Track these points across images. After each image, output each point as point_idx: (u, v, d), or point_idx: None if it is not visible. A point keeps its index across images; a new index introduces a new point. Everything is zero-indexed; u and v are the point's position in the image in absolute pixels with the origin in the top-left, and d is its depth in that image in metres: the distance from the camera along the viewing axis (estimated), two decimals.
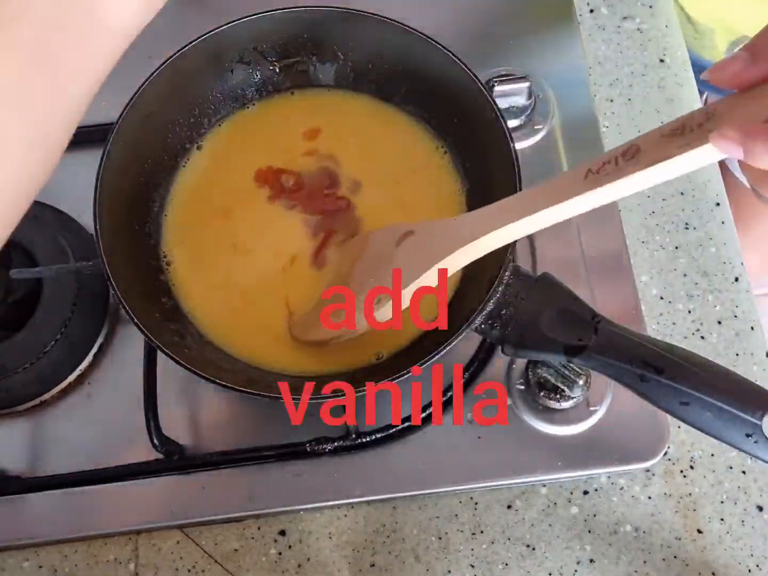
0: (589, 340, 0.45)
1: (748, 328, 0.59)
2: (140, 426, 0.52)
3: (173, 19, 0.69)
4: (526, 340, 0.47)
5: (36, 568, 0.54)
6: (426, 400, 0.55)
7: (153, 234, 0.55)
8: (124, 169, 0.52)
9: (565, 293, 0.47)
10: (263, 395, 0.46)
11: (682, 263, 0.61)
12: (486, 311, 0.47)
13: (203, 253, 0.55)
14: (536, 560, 0.54)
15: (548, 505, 0.55)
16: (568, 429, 0.55)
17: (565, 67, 0.65)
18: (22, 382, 0.56)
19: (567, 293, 0.47)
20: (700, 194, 0.63)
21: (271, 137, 0.58)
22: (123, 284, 0.48)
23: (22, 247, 0.59)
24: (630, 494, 0.55)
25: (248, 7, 0.54)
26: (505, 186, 0.49)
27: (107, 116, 0.52)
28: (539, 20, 0.67)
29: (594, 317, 0.46)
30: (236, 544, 0.54)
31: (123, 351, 0.58)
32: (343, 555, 0.54)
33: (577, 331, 0.45)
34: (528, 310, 0.47)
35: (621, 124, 0.65)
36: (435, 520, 0.55)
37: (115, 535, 0.55)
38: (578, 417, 0.55)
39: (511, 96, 0.62)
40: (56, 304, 0.57)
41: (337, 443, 0.54)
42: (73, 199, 0.61)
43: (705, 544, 0.54)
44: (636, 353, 0.44)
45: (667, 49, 0.68)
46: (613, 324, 0.45)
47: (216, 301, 0.54)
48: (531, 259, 0.59)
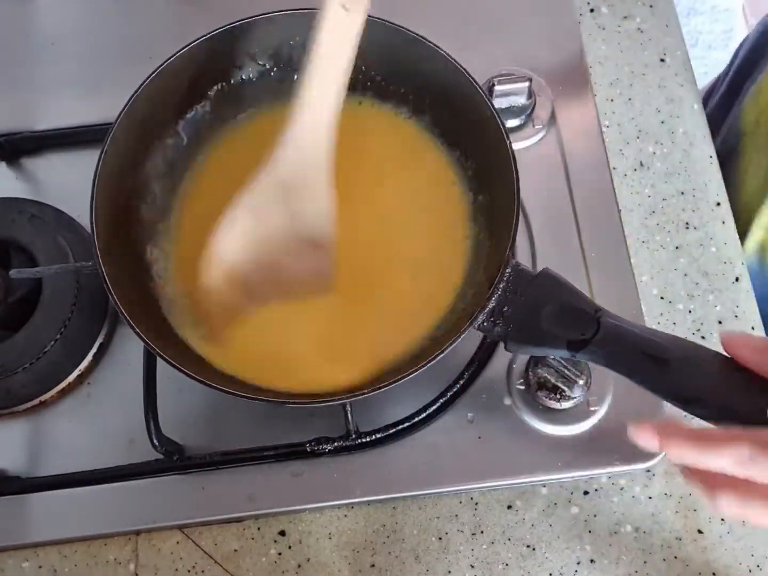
0: (592, 334, 0.44)
1: (749, 328, 0.58)
2: (140, 426, 0.52)
3: (173, 20, 0.70)
4: (529, 337, 0.46)
5: (36, 568, 0.54)
6: (426, 400, 0.55)
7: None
8: (122, 168, 0.52)
9: (565, 288, 0.47)
10: (262, 400, 0.46)
11: (683, 263, 0.61)
12: (487, 309, 0.47)
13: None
14: (536, 560, 0.54)
15: (548, 505, 0.55)
16: (569, 429, 0.55)
17: (565, 67, 0.65)
18: (22, 382, 0.56)
19: (568, 288, 0.47)
20: (701, 194, 0.63)
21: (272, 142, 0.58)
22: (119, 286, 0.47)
23: (22, 247, 0.59)
24: (630, 494, 0.55)
25: (249, 8, 0.54)
26: (505, 186, 0.49)
27: (107, 116, 0.52)
28: (539, 20, 0.67)
29: (596, 311, 0.45)
30: (236, 544, 0.54)
31: (123, 351, 0.58)
32: (343, 555, 0.54)
33: (579, 325, 0.45)
34: (529, 306, 0.46)
35: (621, 123, 0.65)
36: (435, 521, 0.55)
37: (115, 535, 0.55)
38: (578, 417, 0.55)
39: (511, 96, 0.62)
40: (56, 304, 0.57)
41: (337, 443, 0.54)
42: (73, 199, 0.61)
43: (705, 544, 0.54)
44: (640, 345, 0.43)
45: (667, 48, 0.68)
46: (616, 317, 0.45)
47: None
48: (531, 260, 0.59)
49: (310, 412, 0.56)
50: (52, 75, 0.68)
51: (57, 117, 0.65)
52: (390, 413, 0.55)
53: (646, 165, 0.64)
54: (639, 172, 0.64)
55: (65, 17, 0.70)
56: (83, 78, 0.67)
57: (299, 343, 0.52)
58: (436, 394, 0.56)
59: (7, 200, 0.62)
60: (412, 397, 0.56)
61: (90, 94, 0.66)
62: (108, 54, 0.68)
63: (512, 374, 0.56)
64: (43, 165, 0.65)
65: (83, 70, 0.68)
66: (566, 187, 0.61)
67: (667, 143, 0.64)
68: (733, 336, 0.41)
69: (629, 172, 0.64)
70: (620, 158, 0.64)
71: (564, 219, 0.60)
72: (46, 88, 0.67)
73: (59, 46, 0.69)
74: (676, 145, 0.64)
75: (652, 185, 0.63)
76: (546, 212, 0.61)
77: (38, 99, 0.67)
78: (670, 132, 0.65)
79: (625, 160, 0.64)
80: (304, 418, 0.56)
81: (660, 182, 0.63)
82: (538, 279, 0.47)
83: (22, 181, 0.64)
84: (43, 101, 0.67)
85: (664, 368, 0.42)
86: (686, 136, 0.65)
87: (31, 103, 0.67)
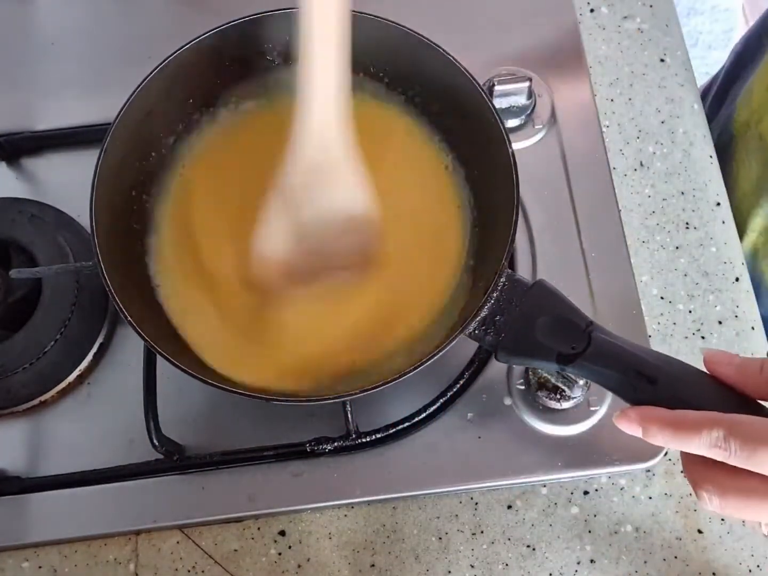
0: (582, 348, 0.44)
1: (749, 328, 0.58)
2: (140, 426, 0.52)
3: (173, 19, 0.69)
4: (520, 347, 0.46)
5: (36, 568, 0.54)
6: (426, 400, 0.55)
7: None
8: (122, 168, 0.52)
9: (559, 300, 0.47)
10: (262, 398, 0.46)
11: (683, 263, 0.61)
12: (480, 317, 0.47)
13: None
14: (536, 560, 0.54)
15: (548, 505, 0.55)
16: (569, 429, 0.55)
17: (565, 67, 0.65)
18: (22, 382, 0.56)
19: (561, 300, 0.47)
20: (701, 194, 0.63)
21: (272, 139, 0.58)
22: (119, 286, 0.47)
23: (22, 247, 0.59)
24: (630, 494, 0.55)
25: (248, 7, 0.54)
26: (504, 186, 0.49)
27: (107, 116, 0.52)
28: (539, 20, 0.67)
29: (588, 325, 0.45)
30: (236, 544, 0.54)
31: (123, 351, 0.58)
32: (343, 555, 0.54)
33: (570, 338, 0.45)
34: (522, 316, 0.46)
35: (621, 123, 0.65)
36: (435, 521, 0.55)
37: (115, 535, 0.55)
38: (578, 417, 0.55)
39: (511, 96, 0.62)
40: (56, 304, 0.57)
41: (337, 443, 0.54)
42: (73, 199, 0.61)
43: (705, 544, 0.54)
44: (629, 363, 0.43)
45: (667, 48, 0.68)
46: (607, 332, 0.45)
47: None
48: (531, 260, 0.59)
49: (310, 412, 0.56)
50: (52, 75, 0.68)
51: (57, 117, 0.65)
52: (390, 413, 0.55)
53: (646, 165, 0.64)
54: (639, 172, 0.64)
55: (65, 17, 0.70)
56: (83, 78, 0.67)
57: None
58: (436, 394, 0.56)
59: (7, 200, 0.62)
60: (412, 397, 0.56)
61: (90, 94, 0.66)
62: (108, 54, 0.68)
63: (512, 374, 0.56)
64: (43, 165, 0.65)
65: (83, 70, 0.68)
66: (566, 187, 0.61)
67: (667, 143, 0.64)
68: (715, 354, 0.41)
69: (629, 172, 0.64)
70: (620, 158, 0.64)
71: (564, 219, 0.60)
72: (46, 88, 0.67)
73: (59, 46, 0.69)
74: (676, 145, 0.64)
75: (652, 185, 0.63)
76: (546, 212, 0.61)
77: (38, 99, 0.67)
78: (670, 132, 0.65)
79: (625, 160, 0.64)
80: (304, 418, 0.56)
81: (660, 182, 0.63)
82: (533, 290, 0.47)
83: (22, 181, 0.64)
84: (43, 101, 0.67)
85: (652, 386, 0.42)
86: (686, 136, 0.65)
87: (31, 103, 0.67)
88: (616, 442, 0.54)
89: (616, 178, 0.63)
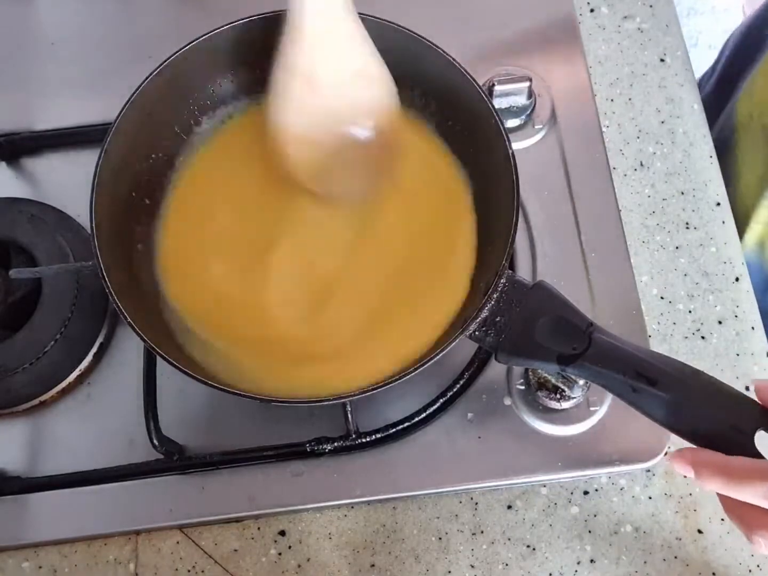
0: (582, 350, 0.44)
1: (749, 328, 0.58)
2: (140, 426, 0.52)
3: (173, 19, 0.69)
4: (520, 348, 0.46)
5: (36, 568, 0.54)
6: (426, 400, 0.55)
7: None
8: (122, 168, 0.52)
9: (559, 301, 0.47)
10: (263, 399, 0.46)
11: (683, 263, 0.61)
12: (480, 318, 0.47)
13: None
14: (536, 560, 0.54)
15: (548, 505, 0.55)
16: (569, 429, 0.55)
17: (565, 67, 0.65)
18: (22, 382, 0.56)
19: (562, 301, 0.47)
20: (701, 194, 0.63)
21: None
22: (119, 286, 0.47)
23: (22, 247, 0.59)
24: (630, 494, 0.55)
25: (248, 7, 0.54)
26: (504, 186, 0.49)
27: (107, 116, 0.52)
28: (539, 20, 0.67)
29: (588, 326, 0.45)
30: (236, 544, 0.54)
31: (123, 351, 0.58)
32: (343, 555, 0.54)
33: (570, 339, 0.45)
34: (522, 318, 0.46)
35: (621, 123, 0.65)
36: (435, 521, 0.55)
37: (115, 535, 0.55)
38: (578, 417, 0.55)
39: (511, 96, 0.62)
40: (56, 304, 0.57)
41: (337, 443, 0.54)
42: (73, 199, 0.61)
43: (705, 544, 0.54)
44: (629, 363, 0.43)
45: (667, 48, 0.68)
46: (608, 333, 0.45)
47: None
48: (531, 260, 0.59)
49: (310, 412, 0.56)
50: (52, 75, 0.68)
51: (57, 117, 0.65)
52: (390, 413, 0.55)
53: (646, 165, 0.64)
54: (639, 172, 0.64)
55: (65, 17, 0.70)
56: (83, 78, 0.67)
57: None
58: (436, 394, 0.56)
59: (7, 200, 0.62)
60: (412, 397, 0.56)
61: (90, 94, 0.66)
62: (108, 54, 0.68)
63: (512, 374, 0.56)
64: (43, 165, 0.65)
65: (83, 70, 0.68)
66: (566, 187, 0.61)
67: (667, 143, 0.64)
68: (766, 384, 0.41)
69: (629, 172, 0.64)
70: (620, 158, 0.64)
71: (564, 219, 0.60)
72: (46, 88, 0.67)
73: (59, 46, 0.69)
74: (676, 145, 0.64)
75: (652, 185, 0.63)
76: (546, 212, 0.61)
77: (38, 99, 0.67)
78: (670, 132, 0.65)
79: (625, 160, 0.64)
80: (304, 418, 0.56)
81: (660, 182, 0.63)
82: (533, 291, 0.47)
83: (22, 181, 0.64)
84: (43, 101, 0.67)
85: (652, 387, 0.42)
86: (686, 136, 0.65)
87: (31, 103, 0.67)
88: (615, 443, 0.54)
89: (616, 178, 0.63)
